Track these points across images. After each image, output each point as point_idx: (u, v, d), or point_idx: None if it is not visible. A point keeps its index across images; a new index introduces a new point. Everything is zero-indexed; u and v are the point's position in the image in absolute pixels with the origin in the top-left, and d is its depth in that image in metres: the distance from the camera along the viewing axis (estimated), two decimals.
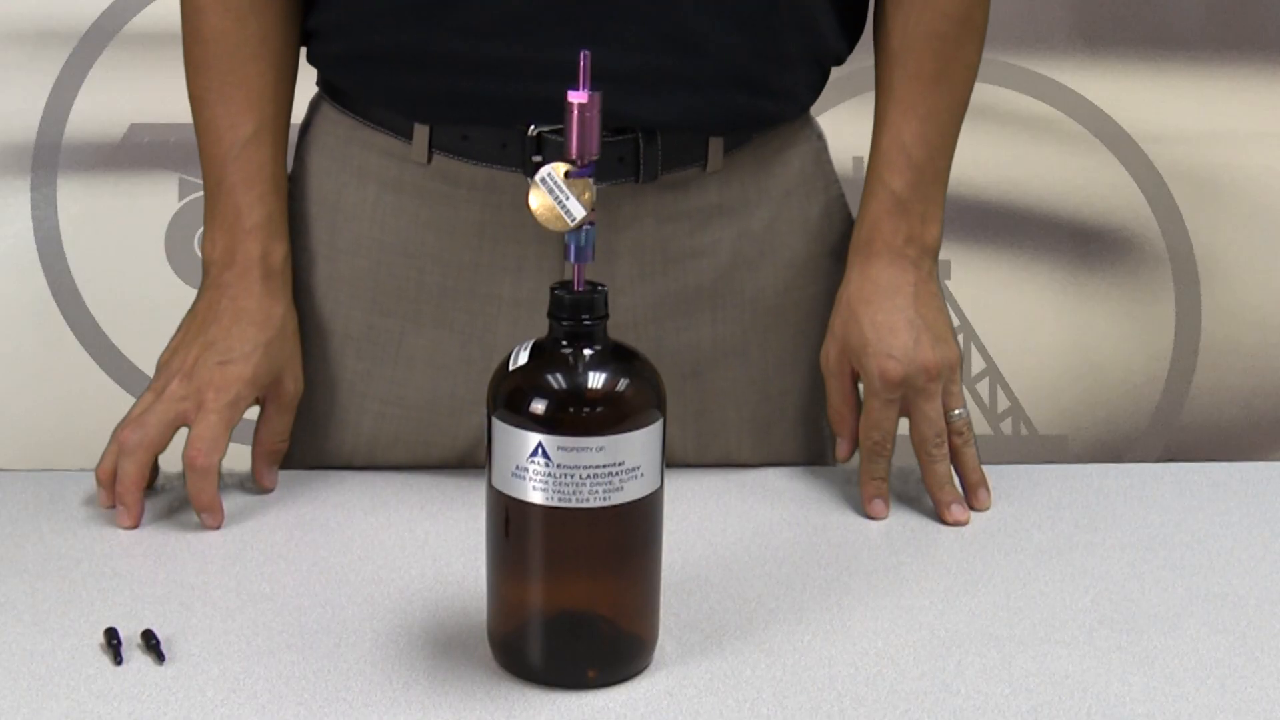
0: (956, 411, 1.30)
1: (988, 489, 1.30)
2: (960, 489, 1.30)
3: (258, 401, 1.30)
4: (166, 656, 1.06)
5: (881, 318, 1.29)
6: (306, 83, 1.37)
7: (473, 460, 1.33)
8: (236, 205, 1.29)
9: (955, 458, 1.30)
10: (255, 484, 1.30)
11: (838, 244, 1.38)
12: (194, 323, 1.30)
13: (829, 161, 1.39)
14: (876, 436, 1.29)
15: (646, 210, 1.29)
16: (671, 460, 1.33)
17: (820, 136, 1.39)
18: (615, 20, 1.22)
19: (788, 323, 1.36)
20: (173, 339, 1.31)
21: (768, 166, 1.33)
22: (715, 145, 1.30)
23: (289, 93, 1.33)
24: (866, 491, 1.29)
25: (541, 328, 1.02)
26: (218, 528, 1.23)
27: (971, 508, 1.29)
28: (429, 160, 1.28)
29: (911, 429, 1.30)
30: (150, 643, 1.06)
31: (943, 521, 1.27)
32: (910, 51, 1.30)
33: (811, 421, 1.40)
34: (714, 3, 1.24)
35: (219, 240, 1.30)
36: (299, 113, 1.37)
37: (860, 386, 1.33)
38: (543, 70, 1.22)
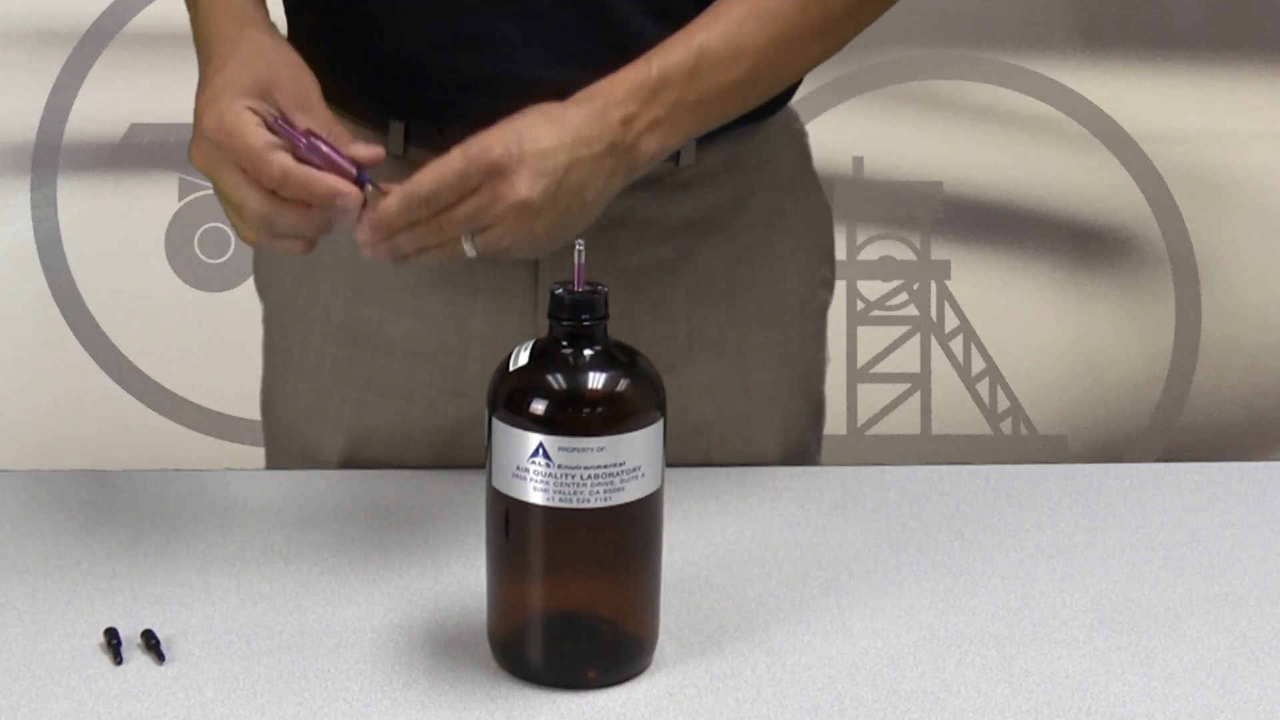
0: (468, 244, 1.12)
1: (374, 249, 1.12)
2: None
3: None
4: (166, 656, 1.06)
5: (537, 129, 1.12)
6: None
7: (452, 456, 1.33)
8: (208, 30, 1.19)
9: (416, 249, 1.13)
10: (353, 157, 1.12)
11: (816, 238, 1.39)
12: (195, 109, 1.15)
13: (808, 154, 1.40)
14: (427, 189, 1.10)
15: (622, 206, 1.30)
16: None
17: (800, 131, 1.39)
18: (579, 38, 1.23)
19: (764, 315, 1.37)
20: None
21: (742, 161, 1.33)
22: (688, 144, 1.29)
23: None
24: (366, 219, 1.11)
25: (518, 318, 1.02)
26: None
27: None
28: (405, 153, 1.29)
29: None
30: (150, 643, 1.06)
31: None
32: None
33: (790, 415, 1.41)
34: (668, 20, 1.22)
35: (201, 76, 1.17)
36: None
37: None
38: (514, 85, 1.23)
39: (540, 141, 1.11)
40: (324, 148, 1.10)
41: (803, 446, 1.43)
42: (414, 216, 1.10)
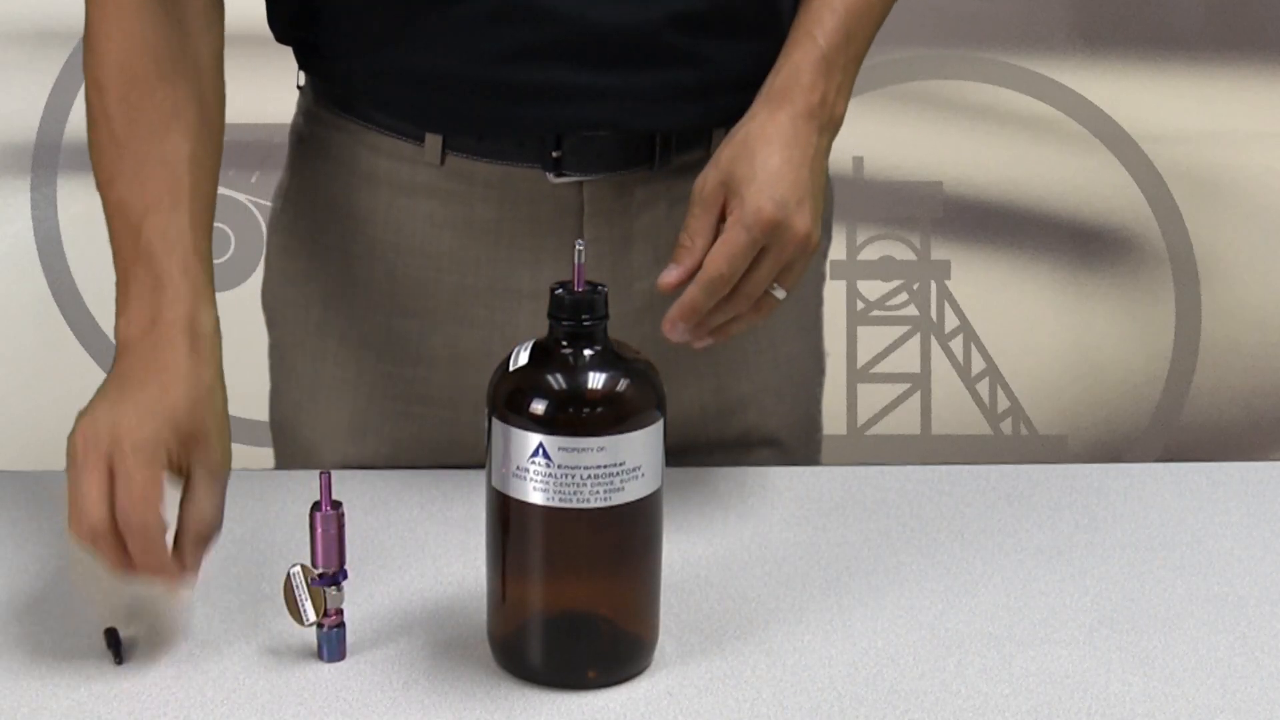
0: (779, 291, 1.20)
1: (692, 335, 1.18)
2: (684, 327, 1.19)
3: (181, 472, 1.09)
4: (125, 659, 1.06)
5: (776, 162, 1.19)
6: (270, 80, 1.36)
7: None
8: (156, 274, 1.13)
9: (729, 320, 1.20)
10: (175, 565, 1.07)
11: (825, 213, 1.40)
12: (100, 391, 1.11)
13: None
14: (725, 269, 1.16)
15: (659, 195, 1.31)
16: (696, 441, 1.34)
17: None
18: (616, 45, 1.24)
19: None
20: (77, 422, 1.09)
21: None
22: (719, 130, 1.32)
23: (211, 163, 1.19)
24: (675, 311, 1.17)
25: None
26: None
27: (669, 326, 1.17)
28: (442, 162, 1.29)
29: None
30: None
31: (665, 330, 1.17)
32: None
33: (810, 384, 1.45)
34: (693, 21, 1.26)
35: (135, 313, 1.12)
36: (265, 112, 1.36)
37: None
38: (556, 92, 1.25)
39: (782, 173, 1.19)
40: (335, 530, 1.05)
41: (816, 413, 1.47)
42: (718, 295, 1.16)
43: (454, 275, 1.31)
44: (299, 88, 1.37)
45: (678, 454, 1.06)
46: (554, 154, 1.27)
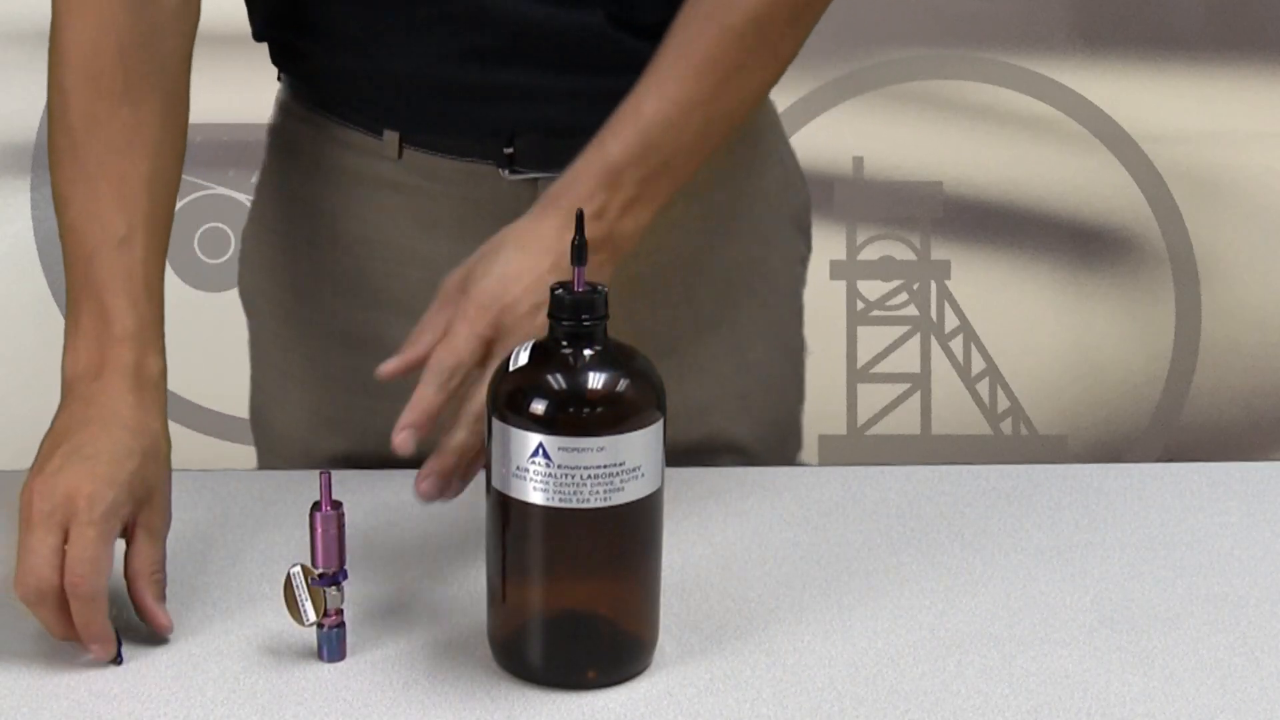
0: None
1: (450, 488, 1.11)
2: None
3: (124, 531, 1.08)
4: (125, 659, 1.05)
5: (518, 265, 1.12)
6: (268, 79, 1.37)
7: None
8: (105, 311, 1.11)
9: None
10: (149, 624, 1.08)
11: (797, 212, 1.41)
12: (51, 439, 1.10)
13: (782, 131, 1.42)
14: (449, 360, 1.10)
15: None
16: None
17: (771, 109, 1.40)
18: (561, 46, 1.25)
19: (755, 293, 1.38)
20: (30, 469, 1.09)
21: (725, 144, 1.33)
22: None
23: (169, 188, 1.17)
24: (409, 416, 1.10)
25: None
26: (112, 660, 1.05)
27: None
28: (399, 156, 1.29)
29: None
30: None
31: None
32: (685, 28, 1.18)
33: (782, 392, 1.43)
34: (633, 23, 1.25)
35: (82, 351, 1.12)
36: (264, 111, 1.37)
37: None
38: (507, 93, 1.25)
39: (521, 276, 1.11)
40: (335, 530, 1.05)
41: (793, 422, 1.45)
42: (445, 388, 1.10)
43: (417, 270, 1.31)
44: (279, 79, 1.38)
45: None
46: (507, 151, 1.27)
